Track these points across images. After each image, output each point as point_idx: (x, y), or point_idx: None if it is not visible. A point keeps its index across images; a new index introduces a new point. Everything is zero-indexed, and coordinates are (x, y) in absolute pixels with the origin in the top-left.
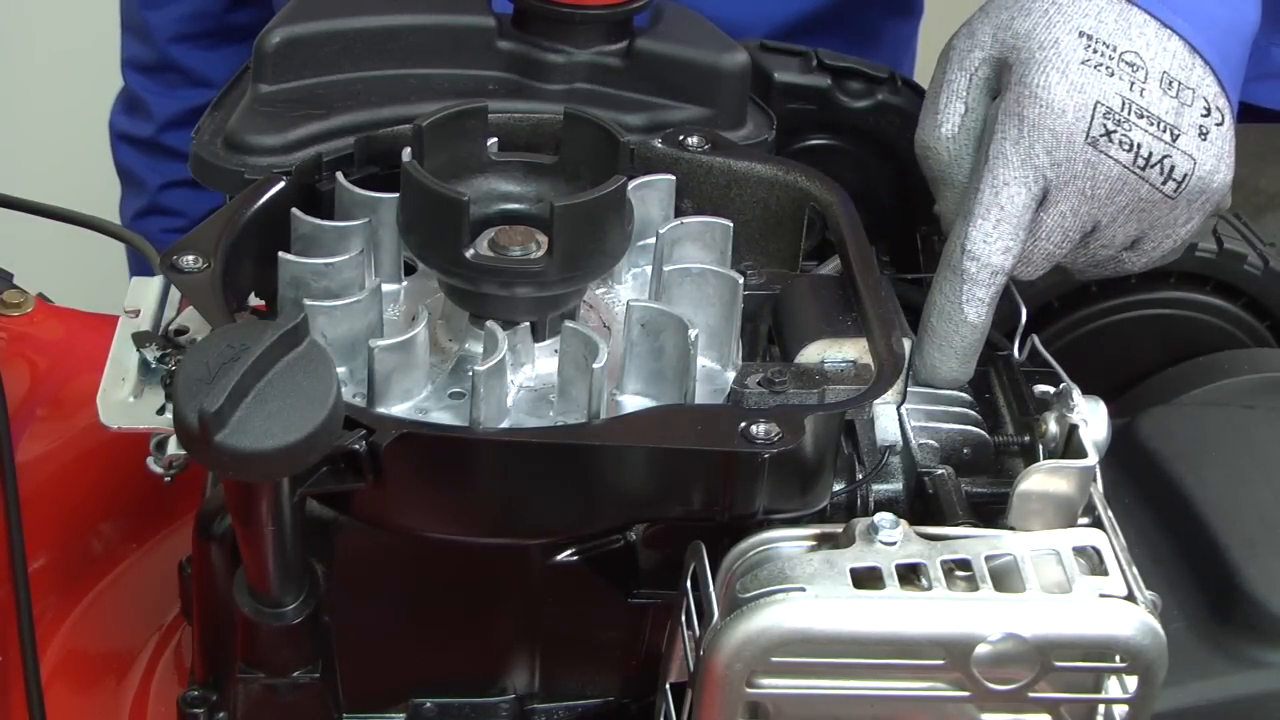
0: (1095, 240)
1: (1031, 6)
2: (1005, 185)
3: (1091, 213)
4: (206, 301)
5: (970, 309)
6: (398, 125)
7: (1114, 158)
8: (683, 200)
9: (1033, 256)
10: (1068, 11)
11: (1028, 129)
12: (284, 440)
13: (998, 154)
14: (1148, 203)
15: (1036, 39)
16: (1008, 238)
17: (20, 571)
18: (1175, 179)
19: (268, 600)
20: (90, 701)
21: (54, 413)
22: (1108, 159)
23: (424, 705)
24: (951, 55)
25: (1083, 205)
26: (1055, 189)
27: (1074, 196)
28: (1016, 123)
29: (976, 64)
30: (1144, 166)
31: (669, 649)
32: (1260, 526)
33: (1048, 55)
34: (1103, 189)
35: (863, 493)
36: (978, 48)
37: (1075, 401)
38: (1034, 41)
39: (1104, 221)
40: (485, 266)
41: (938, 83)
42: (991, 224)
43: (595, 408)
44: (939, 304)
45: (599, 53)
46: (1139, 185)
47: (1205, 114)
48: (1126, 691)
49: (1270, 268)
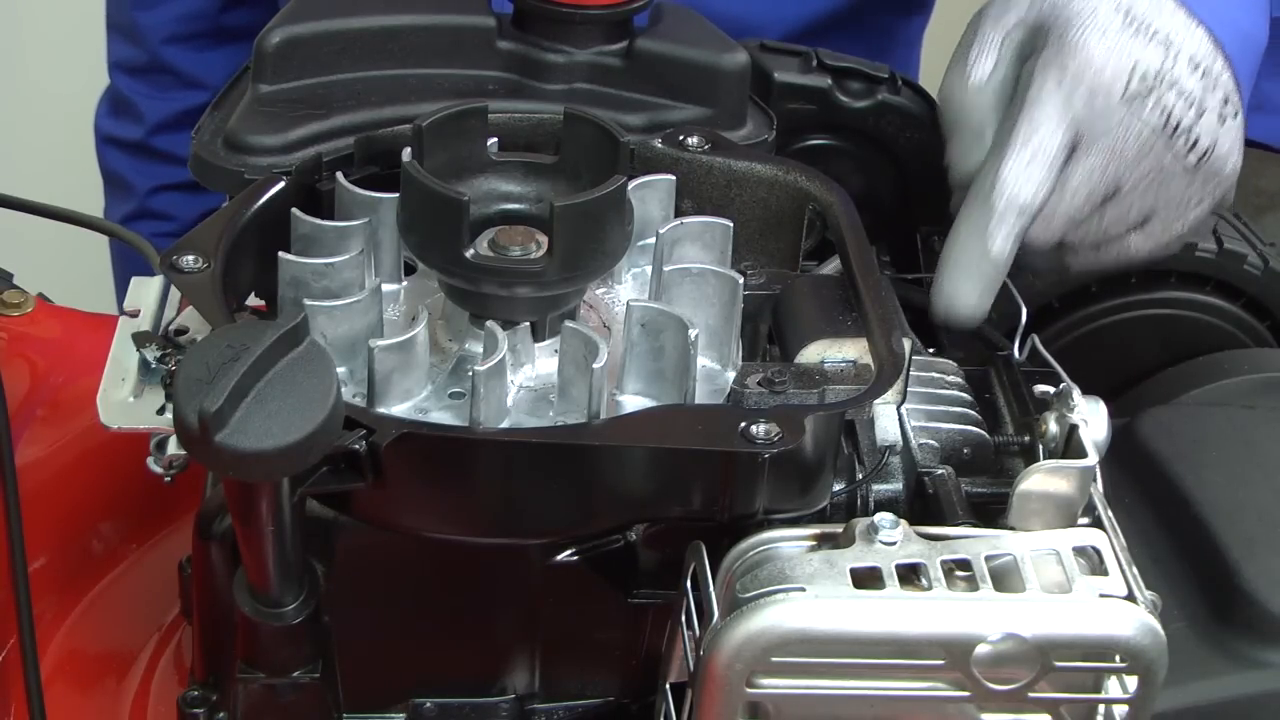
0: (1112, 208)
1: None
2: (1042, 124)
3: (1117, 172)
4: (206, 301)
5: (995, 242)
6: (398, 125)
7: (1146, 119)
8: (683, 200)
9: (1055, 213)
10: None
11: (1068, 77)
12: (284, 440)
13: (1036, 98)
14: (1168, 174)
15: (1075, 6)
16: (1039, 176)
17: (20, 571)
18: (1198, 152)
19: (268, 600)
20: (90, 701)
21: (54, 413)
22: (1140, 119)
23: (424, 705)
24: (986, 15)
25: (1110, 162)
26: (1087, 141)
27: (1104, 151)
28: (1057, 72)
29: (1011, 25)
30: (1172, 133)
31: (669, 649)
32: (1260, 526)
33: (1087, 20)
34: (1131, 148)
35: (863, 493)
36: (1013, 10)
37: (1075, 401)
38: (1072, 9)
39: (1125, 187)
40: (485, 266)
41: (969, 39)
42: (1026, 160)
43: (595, 408)
44: (963, 235)
45: (599, 53)
46: (1164, 151)
47: (1224, 103)
48: (1126, 691)
49: (1270, 268)
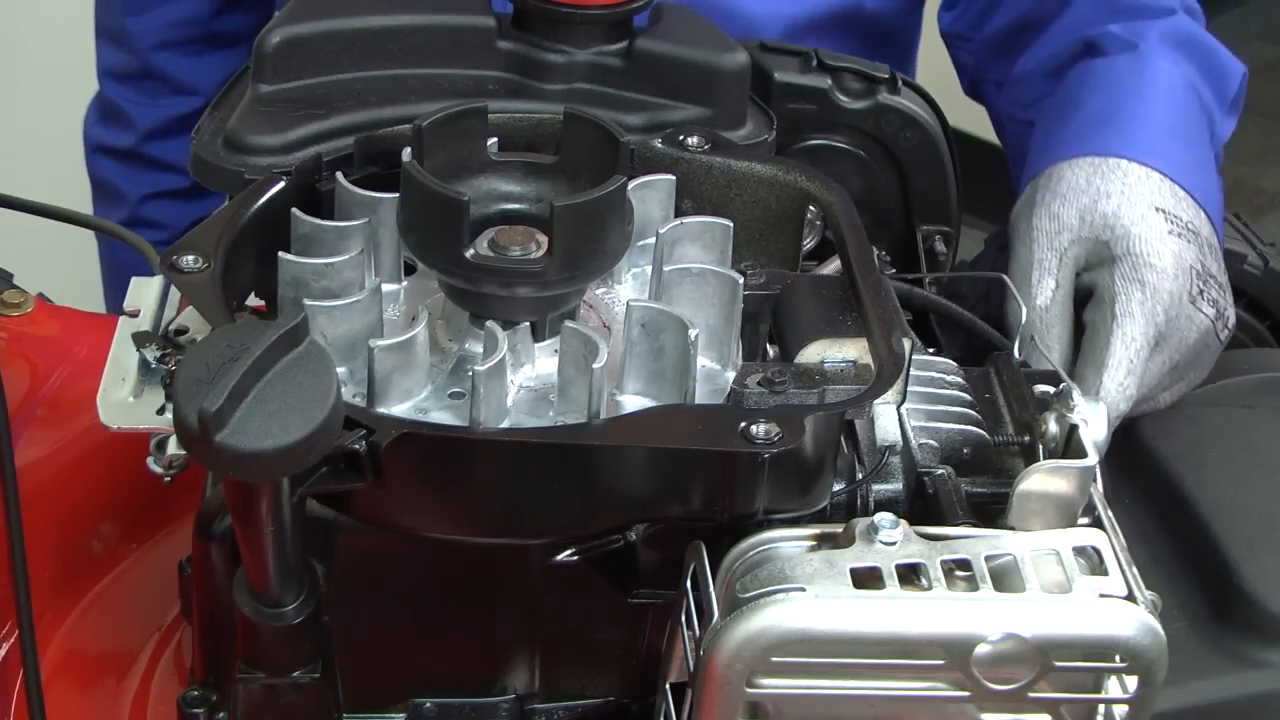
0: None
1: (1108, 190)
2: (1133, 341)
3: (1179, 358)
4: (206, 301)
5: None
6: (398, 125)
7: (1204, 313)
8: (683, 200)
9: (1134, 399)
10: (1138, 190)
11: (1149, 292)
12: (284, 440)
13: (1125, 314)
14: (1210, 350)
15: (1125, 216)
16: (1133, 386)
17: (20, 571)
18: (1229, 329)
19: (268, 600)
20: (90, 701)
21: (54, 413)
22: (1200, 314)
23: (424, 705)
24: (1036, 236)
25: (1177, 354)
26: (1163, 340)
27: (1174, 347)
28: (1139, 288)
29: (1066, 244)
30: (1215, 318)
31: (669, 649)
32: (1260, 526)
33: (1142, 230)
34: (1191, 338)
35: (863, 493)
36: (1065, 230)
37: (1075, 401)
38: (1124, 219)
39: (1181, 366)
40: (485, 266)
41: (1026, 259)
42: (1123, 375)
43: (595, 408)
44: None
45: (599, 53)
46: (1210, 335)
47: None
48: (1126, 691)
49: (1270, 268)
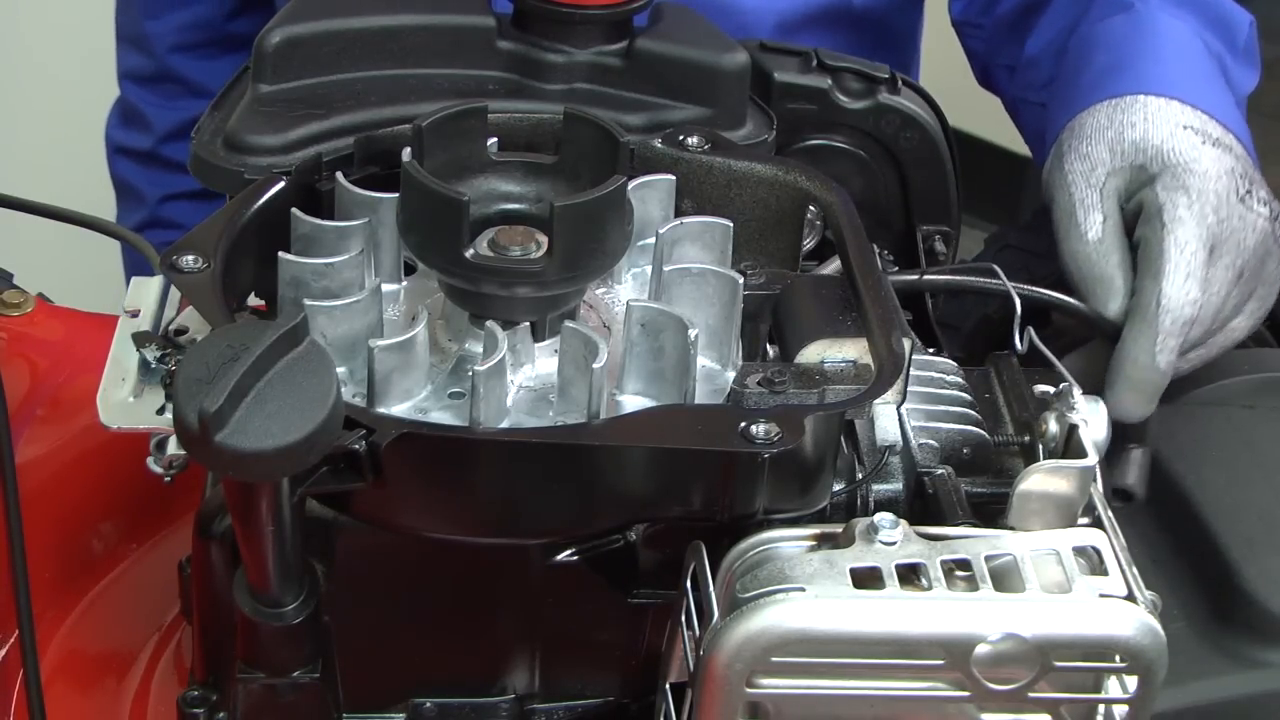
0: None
1: (1132, 121)
2: (1187, 244)
3: (1242, 264)
4: (206, 301)
5: (1163, 358)
6: (398, 125)
7: (1258, 212)
8: (683, 200)
9: (1204, 313)
10: (1163, 115)
11: (1195, 195)
12: (284, 440)
13: (1174, 220)
14: (1272, 256)
15: (1155, 136)
16: (1196, 290)
17: (20, 571)
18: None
19: (268, 600)
20: (90, 701)
21: (54, 413)
22: (1252, 213)
23: (424, 705)
24: (1073, 179)
25: (1239, 257)
26: (1219, 244)
27: (1233, 250)
28: (1184, 194)
29: (1103, 178)
30: (1271, 219)
31: (669, 649)
32: (1260, 526)
33: (1175, 144)
34: (1251, 240)
35: (863, 493)
36: (1099, 165)
37: (1075, 401)
38: (1153, 139)
39: (1247, 273)
40: (485, 266)
41: (1068, 202)
42: (1182, 278)
43: (595, 408)
44: (1135, 356)
45: (599, 53)
46: (1270, 239)
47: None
48: (1126, 691)
49: None
